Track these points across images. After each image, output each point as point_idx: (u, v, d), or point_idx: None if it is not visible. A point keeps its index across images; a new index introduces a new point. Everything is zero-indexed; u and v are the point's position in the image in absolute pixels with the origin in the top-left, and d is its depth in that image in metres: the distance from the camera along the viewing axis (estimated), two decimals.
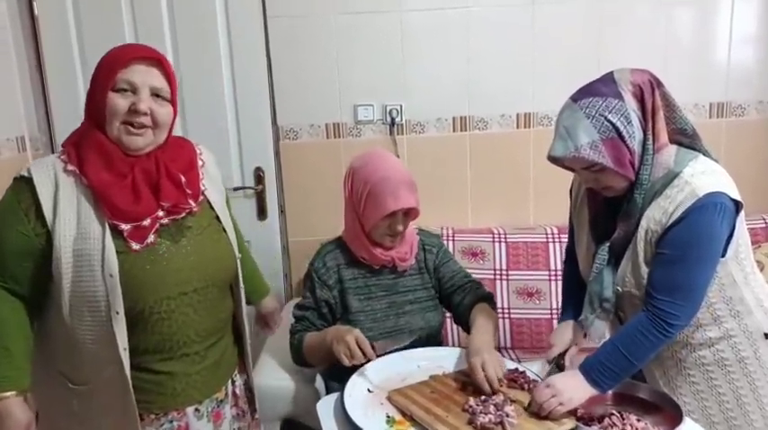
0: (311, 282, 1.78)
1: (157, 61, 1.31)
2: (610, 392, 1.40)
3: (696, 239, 1.31)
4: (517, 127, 2.65)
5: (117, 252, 1.25)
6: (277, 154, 2.64)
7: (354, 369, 1.57)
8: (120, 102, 1.26)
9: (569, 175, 1.57)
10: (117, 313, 1.24)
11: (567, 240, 1.72)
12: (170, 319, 1.32)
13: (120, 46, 1.35)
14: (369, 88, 2.59)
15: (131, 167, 1.29)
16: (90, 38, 2.44)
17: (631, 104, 1.32)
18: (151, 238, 1.29)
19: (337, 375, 1.80)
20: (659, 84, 1.36)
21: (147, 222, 1.28)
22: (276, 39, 2.55)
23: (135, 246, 1.27)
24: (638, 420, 1.31)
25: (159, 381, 1.34)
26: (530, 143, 2.65)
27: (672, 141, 1.37)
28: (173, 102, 1.34)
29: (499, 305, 2.38)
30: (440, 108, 2.63)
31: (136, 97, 1.27)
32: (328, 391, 1.84)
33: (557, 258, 2.41)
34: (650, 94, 1.34)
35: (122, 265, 1.25)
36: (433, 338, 1.83)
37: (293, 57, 2.56)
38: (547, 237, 2.47)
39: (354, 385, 1.52)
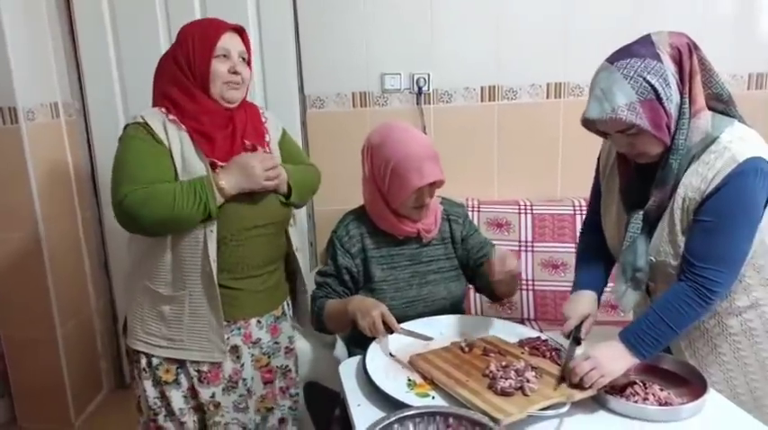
0: (333, 249, 1.79)
1: (240, 31, 1.64)
2: None
3: (738, 206, 1.29)
4: (547, 97, 2.61)
5: None
6: (303, 123, 2.64)
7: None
8: (220, 66, 1.58)
9: (599, 148, 1.53)
10: (211, 232, 1.56)
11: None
12: (244, 246, 1.63)
13: (205, 21, 1.68)
14: (396, 57, 2.57)
15: (231, 118, 1.62)
16: (122, 4, 2.45)
17: (670, 67, 1.29)
18: None
19: (359, 341, 1.82)
20: (696, 47, 1.33)
21: None
22: (304, 7, 2.54)
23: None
24: (662, 390, 1.31)
25: (234, 295, 1.64)
26: (560, 114, 2.61)
27: (706, 106, 1.34)
28: (249, 63, 1.66)
29: (523, 276, 2.37)
30: (468, 77, 2.59)
31: (231, 61, 1.59)
32: (351, 357, 1.85)
33: None
34: (688, 57, 1.31)
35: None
36: (456, 307, 1.83)
37: (321, 25, 2.55)
38: (574, 210, 2.43)
39: (376, 349, 1.53)
